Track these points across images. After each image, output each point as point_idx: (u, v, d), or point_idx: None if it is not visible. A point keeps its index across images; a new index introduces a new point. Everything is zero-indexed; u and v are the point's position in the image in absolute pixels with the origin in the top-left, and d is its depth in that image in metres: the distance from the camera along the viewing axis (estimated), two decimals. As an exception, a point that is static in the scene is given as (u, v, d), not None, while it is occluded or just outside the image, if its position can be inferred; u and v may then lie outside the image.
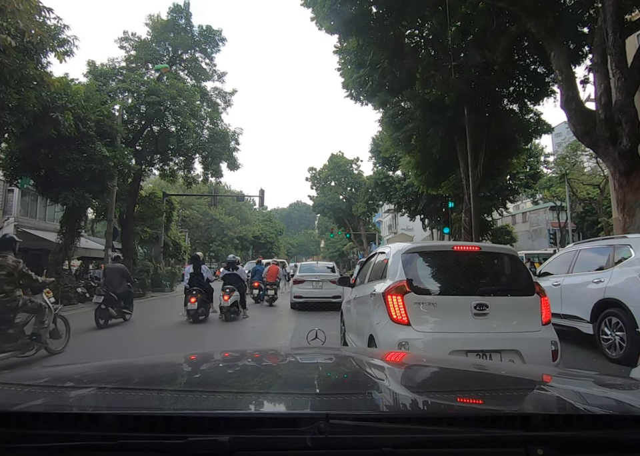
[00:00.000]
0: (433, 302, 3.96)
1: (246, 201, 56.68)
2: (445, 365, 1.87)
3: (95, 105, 14.79)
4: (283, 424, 0.91)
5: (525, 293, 4.13)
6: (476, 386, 1.44)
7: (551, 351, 3.85)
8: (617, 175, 9.55)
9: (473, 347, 3.77)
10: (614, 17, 8.52)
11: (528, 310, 4.04)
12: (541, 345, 3.86)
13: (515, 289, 4.25)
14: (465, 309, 3.87)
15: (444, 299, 4.00)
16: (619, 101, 8.91)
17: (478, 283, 4.19)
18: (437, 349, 3.76)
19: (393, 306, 3.94)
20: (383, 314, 4.05)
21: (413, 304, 3.91)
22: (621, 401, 1.24)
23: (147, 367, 1.74)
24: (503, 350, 3.77)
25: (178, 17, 24.02)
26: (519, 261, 4.56)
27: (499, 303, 3.97)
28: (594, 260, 6.82)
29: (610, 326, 5.96)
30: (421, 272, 4.25)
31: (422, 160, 20.46)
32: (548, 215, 41.33)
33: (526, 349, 3.77)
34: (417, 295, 3.96)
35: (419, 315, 3.90)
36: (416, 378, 1.62)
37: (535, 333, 3.92)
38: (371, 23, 13.94)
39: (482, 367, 1.86)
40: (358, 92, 17.23)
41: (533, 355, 3.76)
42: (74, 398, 1.18)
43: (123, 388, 1.29)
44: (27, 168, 14.33)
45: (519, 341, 3.82)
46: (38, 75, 10.63)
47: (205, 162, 23.14)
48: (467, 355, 3.70)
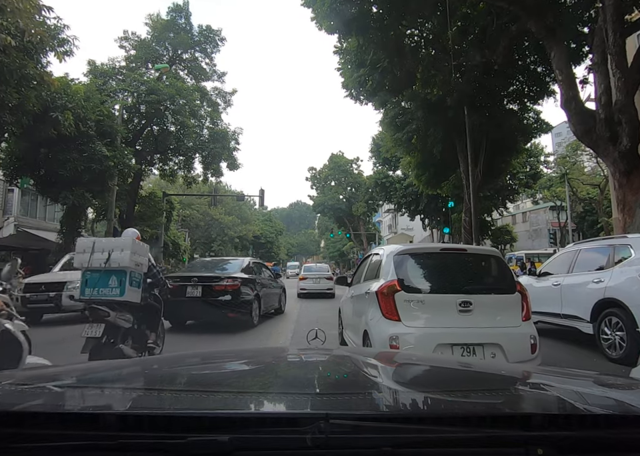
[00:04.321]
0: (422, 299, 4.26)
1: (246, 200, 56.65)
2: (445, 364, 1.87)
3: (95, 104, 14.80)
4: (283, 424, 0.91)
5: (506, 291, 4.40)
6: (476, 386, 1.44)
7: (530, 344, 4.13)
8: (617, 174, 9.54)
9: (457, 340, 4.04)
10: (614, 17, 8.52)
11: (509, 307, 4.32)
12: (521, 339, 4.14)
13: (498, 287, 4.52)
14: (450, 306, 4.15)
15: (431, 297, 4.31)
16: (619, 100, 8.91)
17: (463, 282, 4.45)
18: (424, 342, 4.03)
19: (384, 303, 4.24)
20: (376, 311, 4.33)
21: (403, 301, 4.20)
22: (621, 401, 1.24)
23: (146, 366, 1.73)
24: (486, 343, 4.04)
25: (178, 16, 24.02)
26: (502, 262, 4.85)
27: (482, 301, 4.25)
28: (594, 260, 6.79)
29: (610, 326, 5.94)
30: (411, 272, 4.55)
31: (422, 160, 20.47)
32: (548, 215, 41.30)
33: (507, 342, 4.04)
34: (407, 294, 4.24)
35: (408, 311, 4.17)
36: (416, 378, 1.61)
37: (515, 328, 4.19)
38: (371, 22, 13.92)
39: (481, 367, 1.86)
40: (358, 92, 17.22)
41: (513, 348, 4.04)
42: (74, 398, 1.18)
43: (123, 388, 1.28)
44: (26, 168, 14.35)
45: (501, 336, 4.09)
46: (38, 74, 10.64)
47: (204, 162, 23.15)
48: (452, 348, 3.99)
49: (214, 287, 8.50)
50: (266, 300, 10.18)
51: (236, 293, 8.54)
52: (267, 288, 10.53)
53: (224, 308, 8.27)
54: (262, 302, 9.72)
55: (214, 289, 8.47)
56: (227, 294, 8.46)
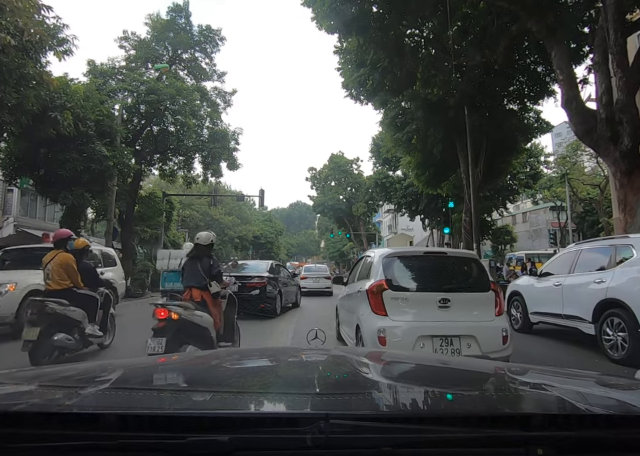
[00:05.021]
0: (406, 297, 4.76)
1: (246, 201, 56.60)
2: (445, 364, 1.87)
3: (95, 104, 14.76)
4: (283, 424, 0.91)
5: (482, 289, 4.88)
6: (475, 386, 1.45)
7: (502, 336, 4.60)
8: (618, 174, 9.52)
9: (437, 332, 4.51)
10: (615, 16, 8.49)
11: (484, 304, 4.79)
12: (494, 331, 4.61)
13: (474, 286, 5.01)
14: (431, 303, 4.64)
15: (415, 295, 4.82)
16: (620, 100, 8.89)
17: (443, 281, 4.97)
18: (408, 334, 4.51)
19: (374, 300, 4.72)
20: (366, 307, 4.81)
21: (390, 299, 4.68)
22: (621, 401, 1.24)
23: (146, 366, 1.72)
24: (462, 335, 4.50)
25: (177, 16, 23.96)
26: (479, 264, 5.35)
27: (460, 298, 4.73)
28: (595, 260, 6.76)
29: (612, 326, 5.90)
30: (397, 273, 5.02)
31: (422, 160, 20.46)
32: (548, 215, 41.31)
33: (480, 334, 4.52)
34: (394, 292, 4.72)
35: (394, 307, 4.65)
36: (416, 378, 1.61)
37: (489, 322, 4.69)
38: (371, 22, 13.89)
39: (480, 367, 1.86)
40: (358, 91, 17.21)
41: (486, 339, 4.53)
42: (74, 398, 1.17)
43: (122, 388, 1.28)
44: (26, 168, 14.30)
45: (475, 328, 4.57)
46: (37, 73, 10.59)
47: (204, 162, 23.09)
48: (433, 339, 4.47)
49: (247, 284, 10.08)
50: (285, 295, 11.88)
51: (263, 288, 10.42)
52: (287, 286, 12.38)
53: (255, 301, 9.87)
54: (283, 296, 11.51)
55: (247, 285, 10.00)
56: (256, 289, 10.24)
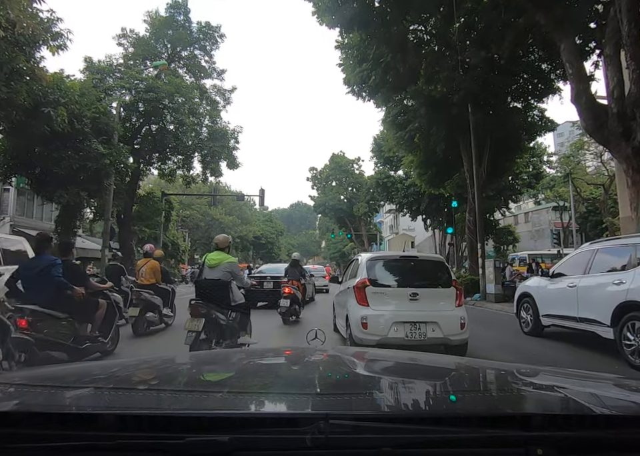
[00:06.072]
0: (384, 292, 6.00)
1: (246, 201, 56.41)
2: (445, 364, 1.87)
3: (91, 101, 14.40)
4: (283, 424, 0.91)
5: (445, 286, 6.10)
6: (476, 386, 1.47)
7: (460, 323, 5.76)
8: (630, 171, 9.21)
9: (408, 319, 5.65)
10: (629, 6, 8.19)
11: (446, 297, 5.99)
12: (454, 319, 5.79)
13: (439, 283, 6.17)
14: (404, 296, 5.85)
15: (391, 290, 6.10)
16: (634, 93, 8.58)
17: (413, 279, 6.13)
18: (385, 321, 5.66)
19: (358, 294, 5.92)
20: (353, 300, 6.02)
21: (372, 293, 5.89)
22: (622, 401, 1.24)
23: (146, 366, 1.73)
24: (427, 322, 5.65)
25: (176, 13, 23.72)
26: (444, 265, 6.59)
27: (427, 292, 5.93)
28: (614, 260, 6.42)
29: (633, 331, 5.56)
30: (378, 272, 6.22)
31: (425, 159, 20.20)
32: (550, 215, 41.07)
33: (442, 321, 5.68)
34: (374, 287, 5.94)
35: (375, 299, 5.86)
36: (416, 378, 1.60)
37: (450, 312, 5.87)
38: (374, 17, 13.60)
39: (481, 367, 1.83)
40: (360, 88, 16.94)
41: (447, 325, 5.68)
42: (73, 398, 1.17)
43: (122, 388, 1.28)
44: (21, 166, 13.99)
45: (438, 316, 5.73)
46: (29, 68, 10.28)
47: (204, 161, 22.77)
48: (404, 325, 5.60)
49: (279, 282, 12.26)
50: (306, 291, 13.62)
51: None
52: (307, 283, 14.06)
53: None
54: (305, 291, 13.17)
55: (279, 283, 12.17)
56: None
